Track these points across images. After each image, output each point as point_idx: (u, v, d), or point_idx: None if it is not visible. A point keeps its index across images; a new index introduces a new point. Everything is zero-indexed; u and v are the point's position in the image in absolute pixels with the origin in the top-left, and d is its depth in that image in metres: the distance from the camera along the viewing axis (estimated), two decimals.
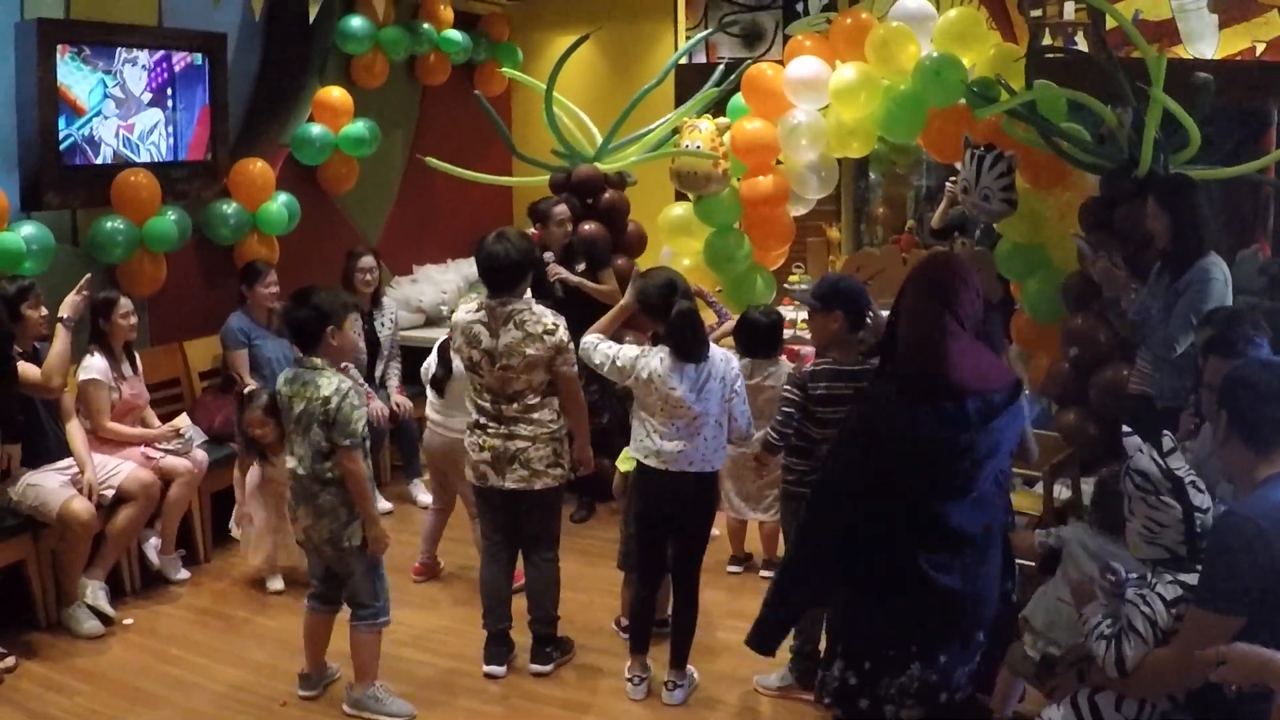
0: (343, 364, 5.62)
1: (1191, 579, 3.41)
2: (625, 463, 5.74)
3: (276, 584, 6.72)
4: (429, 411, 6.65)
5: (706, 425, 5.17)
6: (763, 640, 3.97)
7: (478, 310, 5.44)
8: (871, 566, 3.63)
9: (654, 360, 5.21)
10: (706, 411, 5.15)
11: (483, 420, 5.50)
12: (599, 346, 5.37)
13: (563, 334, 5.34)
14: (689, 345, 5.15)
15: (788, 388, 5.04)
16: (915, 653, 3.65)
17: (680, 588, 5.44)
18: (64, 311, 6.02)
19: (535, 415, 5.41)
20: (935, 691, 3.69)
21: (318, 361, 5.09)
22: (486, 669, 5.70)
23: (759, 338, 6.37)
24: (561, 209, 7.68)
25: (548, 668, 5.69)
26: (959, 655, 3.72)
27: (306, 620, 5.51)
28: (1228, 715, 3.36)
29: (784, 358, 6.64)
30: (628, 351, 5.31)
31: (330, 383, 5.00)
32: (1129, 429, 3.66)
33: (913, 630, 3.64)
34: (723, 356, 5.24)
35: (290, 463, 5.19)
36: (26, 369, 5.87)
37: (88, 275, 6.21)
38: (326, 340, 5.10)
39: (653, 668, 5.61)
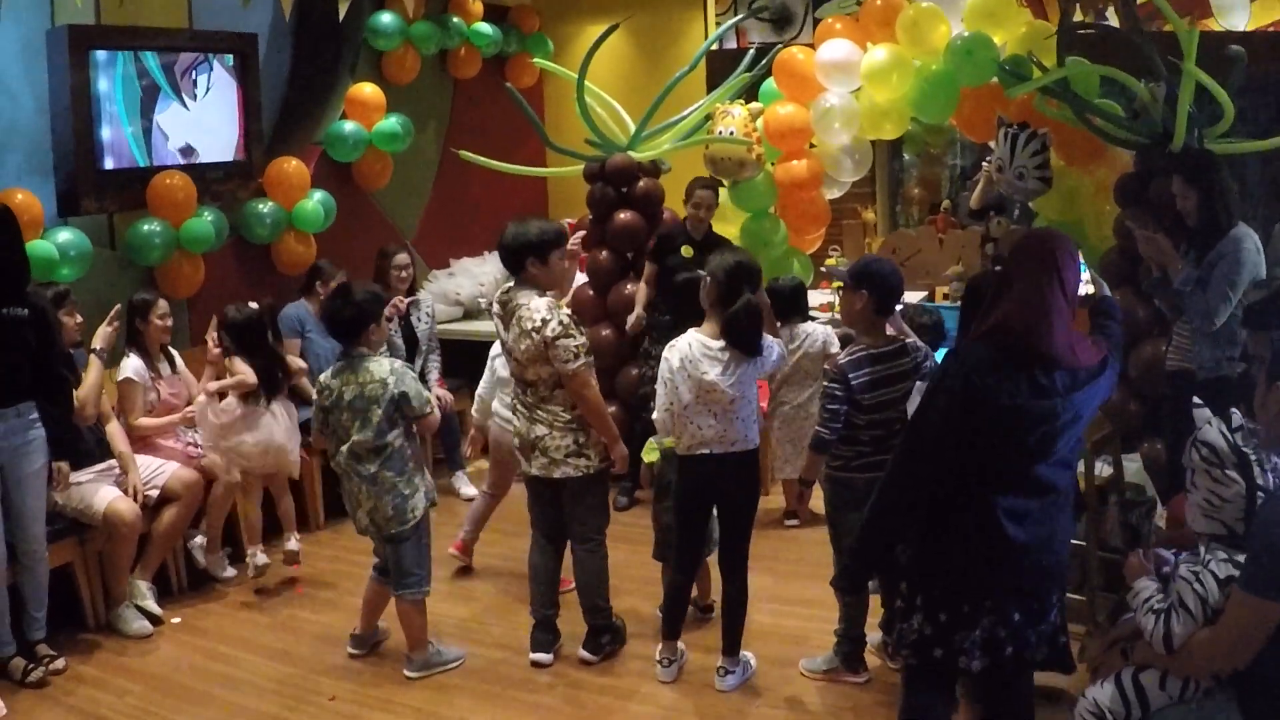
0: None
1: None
2: (650, 454, 5.74)
3: (261, 559, 6.72)
4: (497, 407, 6.58)
5: (742, 404, 5.16)
6: (850, 581, 4.17)
7: (496, 303, 5.50)
8: (952, 520, 3.69)
9: (684, 345, 5.21)
10: (742, 395, 5.14)
11: (516, 405, 5.56)
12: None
13: (551, 329, 5.20)
14: (749, 339, 5.11)
15: (830, 384, 4.98)
16: (989, 608, 3.71)
17: (729, 573, 5.42)
18: (96, 343, 6.07)
19: (549, 406, 5.39)
20: (1004, 646, 3.75)
21: (364, 350, 5.42)
22: (533, 657, 5.72)
23: (786, 303, 6.62)
24: (706, 193, 7.60)
25: (594, 656, 5.68)
26: (1032, 614, 3.78)
27: (368, 586, 5.87)
28: (1270, 694, 3.34)
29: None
30: (662, 369, 5.30)
31: (382, 366, 5.39)
32: (1199, 401, 3.65)
33: (988, 585, 3.70)
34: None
35: (342, 452, 5.43)
36: None
37: (117, 306, 6.26)
38: (366, 336, 5.43)
39: (689, 652, 5.63)
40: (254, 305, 6.78)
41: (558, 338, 5.20)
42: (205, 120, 7.83)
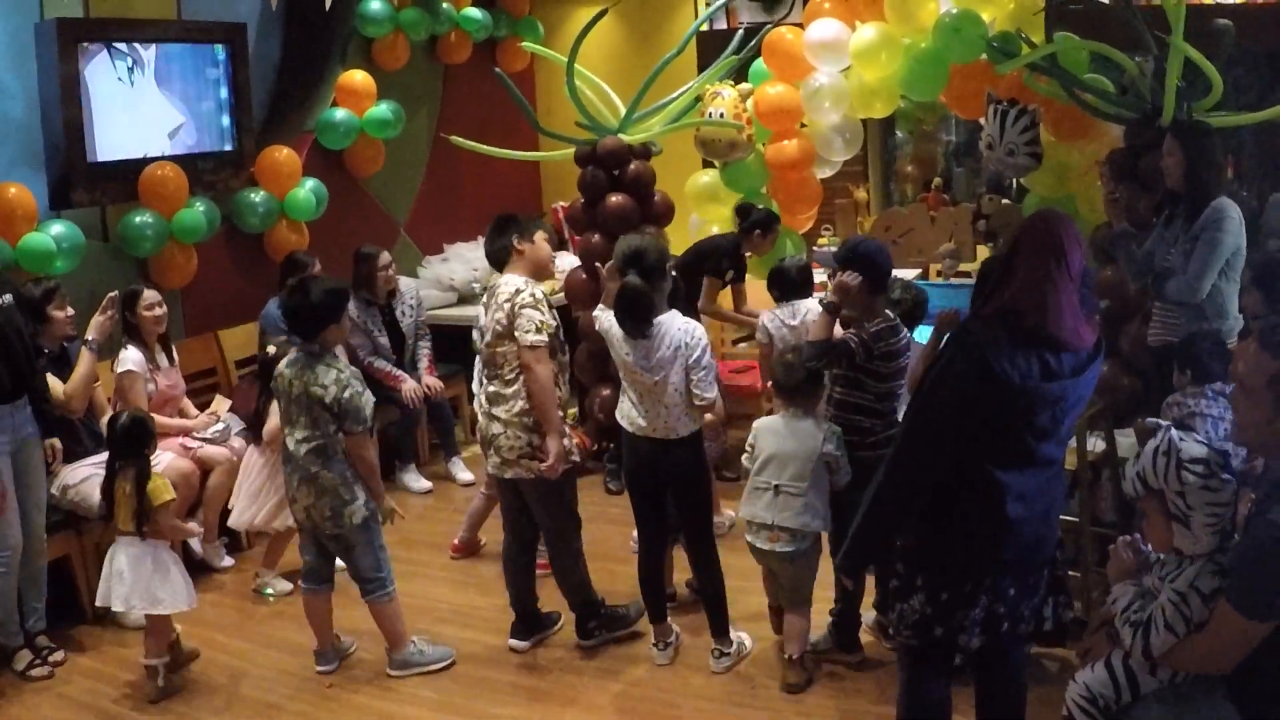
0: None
1: None
2: None
3: (283, 585, 6.63)
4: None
5: (666, 393, 5.16)
6: (852, 565, 4.10)
7: (486, 290, 5.48)
8: (955, 500, 3.69)
9: (606, 321, 5.33)
10: (665, 379, 5.13)
11: (479, 398, 5.54)
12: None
13: (522, 298, 5.19)
14: (627, 320, 5.14)
15: (852, 335, 5.00)
16: (989, 585, 3.73)
17: (691, 556, 5.49)
18: (90, 333, 6.06)
19: (509, 390, 5.31)
20: (1001, 622, 3.78)
21: (315, 349, 5.31)
22: (509, 642, 5.76)
23: (791, 285, 6.51)
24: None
25: (588, 641, 5.71)
26: (1027, 589, 3.81)
27: (304, 601, 5.69)
28: (1260, 681, 3.34)
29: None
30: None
31: (328, 371, 5.23)
32: (1166, 422, 3.62)
33: (989, 563, 3.71)
34: (682, 327, 5.17)
35: (289, 443, 5.35)
36: (49, 383, 5.93)
37: (111, 294, 6.23)
38: (323, 335, 5.32)
39: (685, 635, 5.66)
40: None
41: (525, 306, 5.18)
42: (195, 110, 7.83)
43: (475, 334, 5.52)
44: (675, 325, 5.16)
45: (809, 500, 5.05)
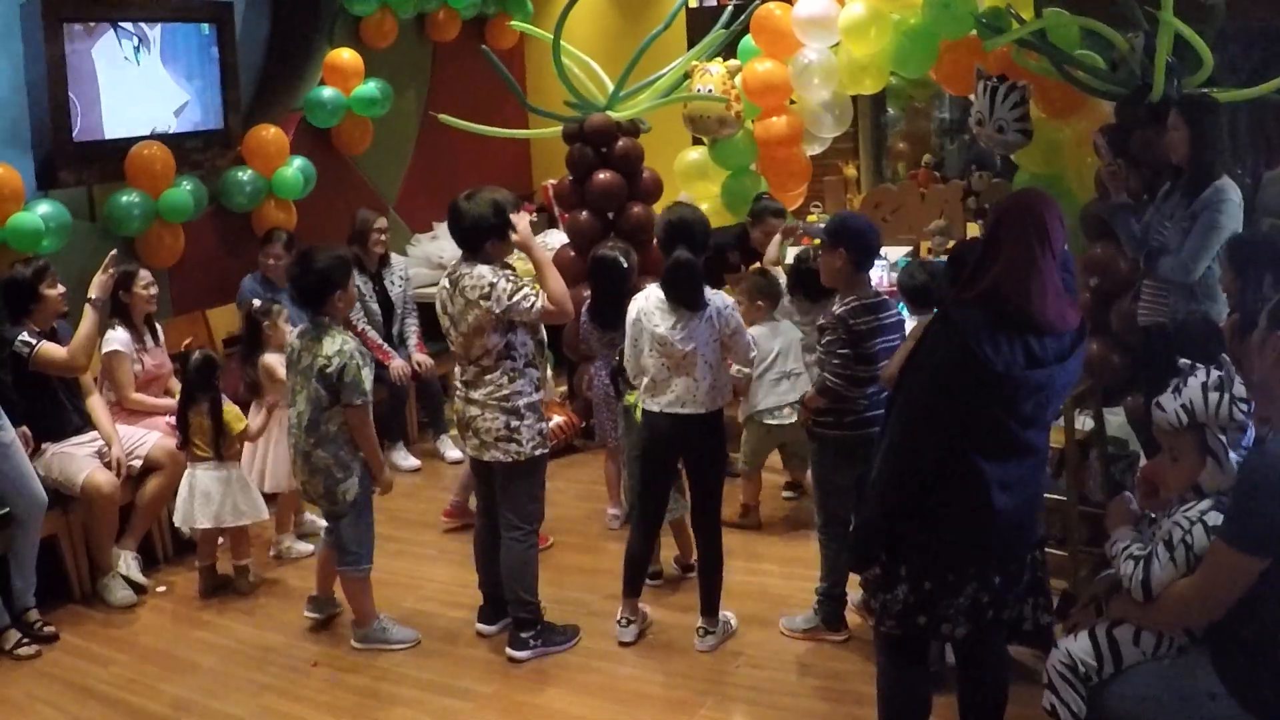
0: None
1: None
2: (630, 397, 5.87)
3: (303, 547, 6.74)
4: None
5: (696, 365, 5.13)
6: (860, 561, 4.01)
7: (446, 277, 5.35)
8: (939, 489, 3.65)
9: (642, 298, 5.28)
10: (696, 351, 5.11)
11: (457, 384, 5.43)
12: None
13: (501, 290, 5.03)
14: (682, 294, 5.14)
15: (831, 337, 4.99)
16: (973, 574, 3.71)
17: (700, 533, 5.43)
18: (93, 292, 6.04)
19: (488, 377, 5.19)
20: (985, 610, 3.76)
21: (325, 320, 5.35)
22: (477, 627, 5.72)
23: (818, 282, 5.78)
24: (777, 221, 7.57)
25: (523, 654, 5.43)
26: (1011, 576, 3.79)
27: (320, 550, 5.93)
28: (1244, 651, 3.34)
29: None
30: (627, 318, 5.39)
31: (334, 342, 5.27)
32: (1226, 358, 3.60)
33: (974, 554, 3.69)
34: (711, 300, 5.17)
35: (291, 414, 5.43)
36: (50, 349, 5.93)
37: (113, 253, 6.22)
38: (333, 302, 5.34)
39: (650, 613, 5.65)
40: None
41: (514, 294, 5.06)
42: (182, 89, 7.80)
43: (443, 319, 5.37)
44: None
45: (807, 376, 5.97)
